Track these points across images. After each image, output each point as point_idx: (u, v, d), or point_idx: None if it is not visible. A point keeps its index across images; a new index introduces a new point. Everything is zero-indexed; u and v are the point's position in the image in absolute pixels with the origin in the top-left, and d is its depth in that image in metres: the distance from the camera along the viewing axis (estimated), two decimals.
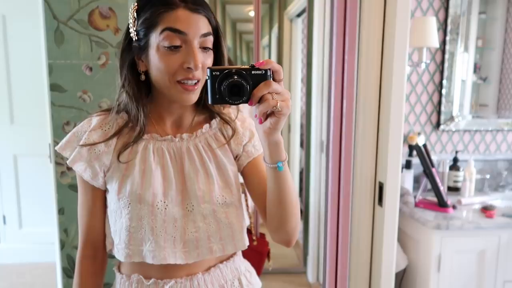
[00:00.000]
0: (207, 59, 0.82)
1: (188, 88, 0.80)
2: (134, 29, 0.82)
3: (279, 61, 3.66)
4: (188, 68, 0.78)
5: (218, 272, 0.92)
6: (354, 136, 1.69)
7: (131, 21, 0.83)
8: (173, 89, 0.81)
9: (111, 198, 0.88)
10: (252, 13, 2.67)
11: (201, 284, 0.89)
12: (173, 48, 0.78)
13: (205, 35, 0.80)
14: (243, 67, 0.70)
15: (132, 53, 0.84)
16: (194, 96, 0.82)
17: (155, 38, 0.79)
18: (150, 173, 0.85)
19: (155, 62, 0.80)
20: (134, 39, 0.82)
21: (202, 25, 0.79)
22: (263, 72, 0.69)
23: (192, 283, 0.89)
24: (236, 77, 0.69)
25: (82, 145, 0.86)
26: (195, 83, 0.81)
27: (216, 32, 0.84)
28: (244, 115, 0.99)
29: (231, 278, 0.94)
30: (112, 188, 0.87)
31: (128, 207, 0.84)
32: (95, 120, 0.89)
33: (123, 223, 0.85)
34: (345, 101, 1.64)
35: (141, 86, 0.86)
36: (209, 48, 0.82)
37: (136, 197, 0.84)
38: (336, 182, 1.78)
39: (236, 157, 0.93)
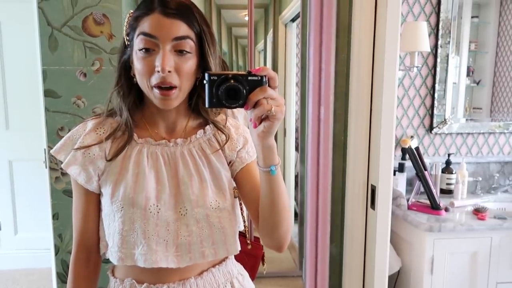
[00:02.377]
0: (184, 63, 0.81)
1: (163, 93, 0.80)
2: (126, 33, 0.85)
3: (274, 65, 3.67)
4: (158, 71, 0.79)
5: (210, 276, 0.93)
6: (331, 141, 1.70)
7: (125, 26, 0.86)
8: (151, 93, 0.82)
9: (105, 201, 0.88)
10: (247, 18, 2.68)
11: None
12: (146, 52, 0.80)
13: (179, 38, 0.80)
14: (240, 72, 0.71)
15: (126, 56, 0.87)
16: (173, 102, 0.83)
17: (134, 43, 0.82)
18: (144, 176, 0.86)
19: (135, 65, 0.83)
20: (126, 43, 0.86)
21: (175, 29, 0.80)
22: (259, 78, 0.71)
23: (185, 287, 0.89)
24: (233, 81, 0.70)
25: (77, 148, 0.87)
26: (171, 89, 0.81)
27: (200, 38, 0.83)
28: (238, 122, 1.00)
29: (224, 282, 0.95)
30: (106, 191, 0.88)
31: (121, 210, 0.85)
32: (90, 124, 0.91)
33: (116, 226, 0.86)
34: (322, 108, 1.65)
35: (132, 89, 0.88)
36: (187, 52, 0.81)
37: (129, 201, 0.85)
38: (315, 186, 1.79)
39: (230, 162, 0.94)
